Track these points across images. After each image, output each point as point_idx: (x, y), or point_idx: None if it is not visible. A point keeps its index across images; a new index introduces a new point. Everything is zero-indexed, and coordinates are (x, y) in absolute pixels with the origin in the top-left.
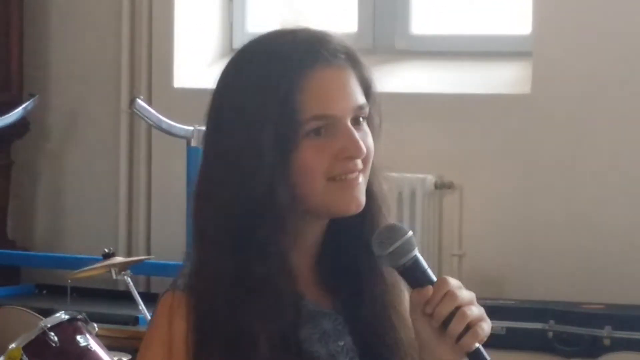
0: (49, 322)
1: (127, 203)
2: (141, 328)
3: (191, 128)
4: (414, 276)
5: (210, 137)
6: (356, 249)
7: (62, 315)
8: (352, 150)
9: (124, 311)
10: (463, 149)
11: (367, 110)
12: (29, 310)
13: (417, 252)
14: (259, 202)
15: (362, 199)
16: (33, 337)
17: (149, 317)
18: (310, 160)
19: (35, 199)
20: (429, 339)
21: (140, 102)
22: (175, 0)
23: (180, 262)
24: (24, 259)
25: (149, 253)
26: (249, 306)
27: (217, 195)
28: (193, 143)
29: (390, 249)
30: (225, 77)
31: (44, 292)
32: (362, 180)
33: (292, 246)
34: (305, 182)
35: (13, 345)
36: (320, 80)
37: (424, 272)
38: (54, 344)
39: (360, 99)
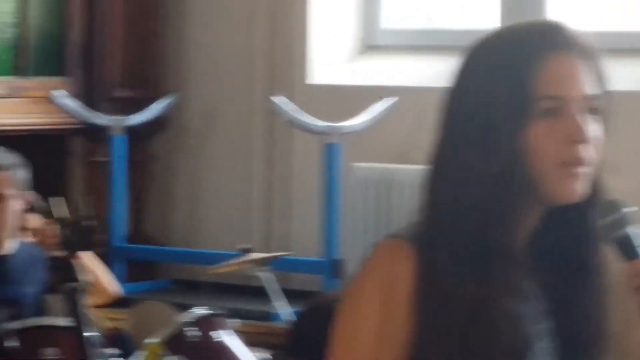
0: (188, 317)
1: (263, 199)
2: (276, 324)
3: (327, 124)
4: (630, 248)
5: (448, 115)
6: (572, 238)
7: (201, 311)
8: (576, 134)
9: (259, 307)
10: None
11: (598, 102)
12: (168, 305)
13: (637, 229)
14: (497, 180)
15: (584, 189)
16: (172, 332)
17: (284, 313)
18: (541, 141)
19: (173, 195)
20: (635, 313)
21: (277, 99)
22: None
23: (317, 259)
24: (162, 255)
25: (285, 249)
26: (481, 272)
27: (454, 171)
28: (328, 139)
29: (612, 219)
30: (466, 61)
31: (181, 287)
32: (588, 170)
33: (517, 227)
34: (536, 164)
35: (153, 340)
36: (556, 63)
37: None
38: (193, 339)
39: (593, 89)
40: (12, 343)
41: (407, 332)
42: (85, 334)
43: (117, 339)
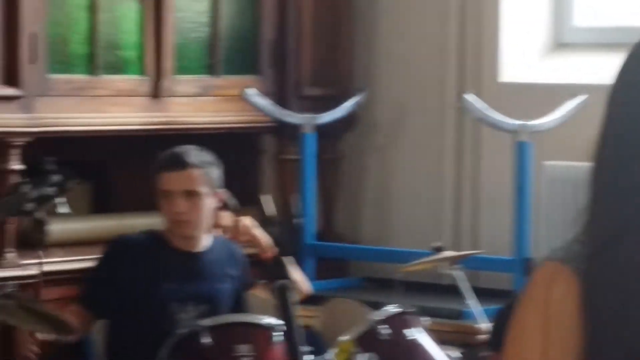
0: (380, 315)
1: (453, 198)
2: (468, 322)
3: (518, 122)
4: None
5: (614, 121)
6: None
7: (392, 309)
8: None
9: (450, 305)
10: None
11: None
12: (359, 303)
13: None
14: None
15: None
16: (364, 329)
17: (475, 312)
18: None
19: (363, 193)
20: None
21: (468, 97)
22: None
23: (508, 257)
24: (352, 252)
25: (475, 247)
26: None
27: (626, 177)
28: (519, 137)
29: None
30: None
31: (372, 285)
32: None
33: None
34: None
35: (345, 338)
36: None
37: None
38: (384, 337)
39: None
40: (206, 339)
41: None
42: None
43: (308, 336)
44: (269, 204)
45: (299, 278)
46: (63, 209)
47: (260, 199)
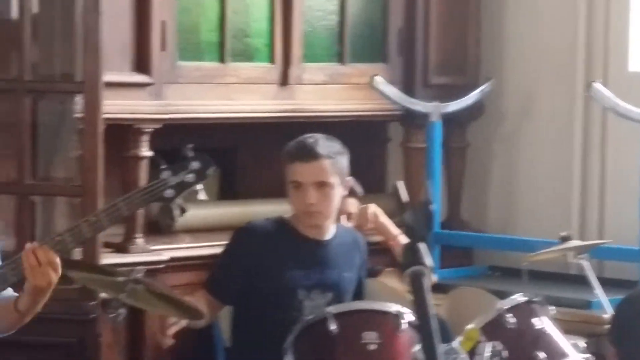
0: (506, 303)
1: (580, 187)
2: (594, 312)
3: None
4: None
5: None
6: None
7: (519, 297)
8: None
9: (576, 295)
10: None
11: None
12: (485, 291)
13: None
14: None
15: None
16: (490, 318)
17: (602, 302)
18: None
19: (489, 182)
20: None
21: (597, 86)
22: None
23: (635, 247)
24: (478, 241)
25: (601, 237)
26: None
27: None
28: None
29: None
30: None
31: (497, 273)
32: None
33: None
34: None
35: (471, 326)
36: None
37: None
38: (510, 326)
39: None
40: (332, 326)
41: None
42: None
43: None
44: (403, 190)
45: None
46: (201, 196)
47: (395, 185)
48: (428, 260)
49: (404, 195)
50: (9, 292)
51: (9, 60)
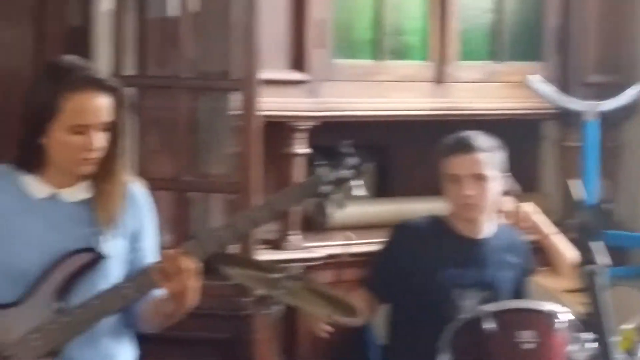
0: None
1: None
2: None
3: None
4: None
5: None
6: None
7: None
8: None
9: None
10: None
11: None
12: None
13: None
14: None
15: None
16: None
17: None
18: None
19: None
20: None
21: None
22: None
23: None
24: (634, 240)
25: None
26: None
27: None
28: None
29: None
30: None
31: None
32: None
33: None
34: None
35: (628, 326)
36: None
37: None
38: None
39: None
40: (489, 325)
41: None
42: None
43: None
44: (576, 188)
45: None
46: (359, 192)
47: (568, 183)
48: (602, 258)
49: (577, 194)
50: None
51: (167, 58)
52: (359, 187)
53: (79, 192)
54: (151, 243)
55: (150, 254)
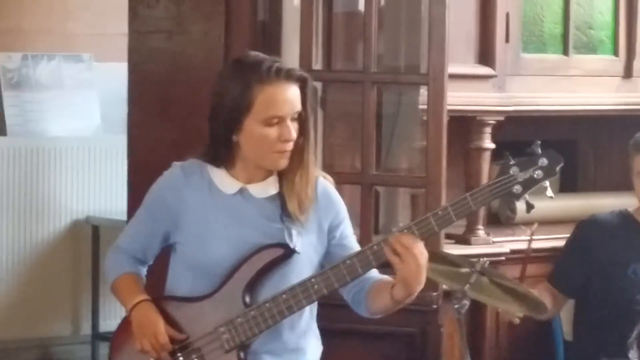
0: None
1: None
2: None
3: None
4: None
5: None
6: None
7: None
8: None
9: None
10: None
11: None
12: None
13: None
14: None
15: None
16: None
17: None
18: None
19: None
20: None
21: None
22: None
23: None
24: None
25: None
26: None
27: None
28: None
29: None
30: None
31: None
32: None
33: None
34: None
35: None
36: None
37: None
38: None
39: None
40: None
41: None
42: None
43: None
44: None
45: None
46: (549, 193)
47: None
48: None
49: None
50: (374, 272)
51: (355, 52)
52: (549, 188)
53: (268, 187)
54: (349, 232)
55: (351, 242)
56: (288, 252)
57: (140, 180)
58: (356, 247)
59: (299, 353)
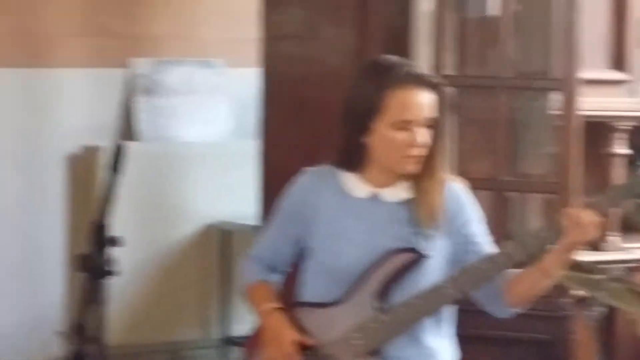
0: None
1: None
2: None
3: None
4: None
5: None
6: None
7: None
8: None
9: None
10: None
11: None
12: None
13: None
14: None
15: None
16: None
17: None
18: None
19: None
20: None
21: None
22: None
23: None
24: None
25: None
26: None
27: None
28: None
29: None
30: None
31: None
32: None
33: None
34: None
35: None
36: None
37: None
38: None
39: None
40: None
41: None
42: None
43: None
44: None
45: None
46: None
47: None
48: None
49: None
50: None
51: (486, 57)
52: None
53: (399, 192)
54: (480, 232)
55: (482, 243)
56: (419, 257)
57: (272, 185)
58: (488, 248)
59: (434, 357)
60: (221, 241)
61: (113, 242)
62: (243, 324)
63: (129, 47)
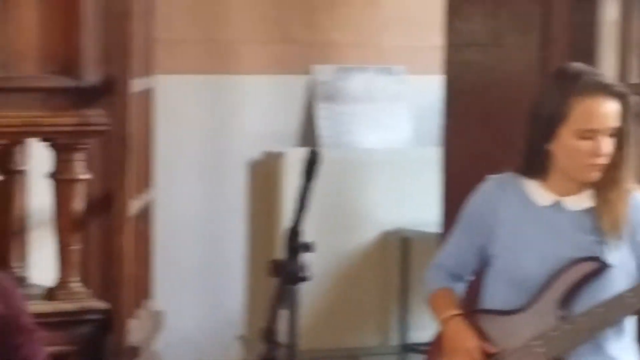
0: None
1: None
2: None
3: None
4: None
5: None
6: None
7: None
8: None
9: None
10: None
11: None
12: None
13: None
14: None
15: None
16: None
17: None
18: None
19: None
20: None
21: None
22: None
23: None
24: None
25: None
26: None
27: None
28: None
29: None
30: None
31: None
32: None
33: None
34: None
35: None
36: None
37: None
38: None
39: None
40: None
41: None
42: None
43: None
44: None
45: None
46: None
47: None
48: None
49: None
50: None
51: None
52: None
53: (583, 200)
54: None
55: None
56: (602, 266)
57: (454, 192)
58: None
59: None
60: (401, 248)
61: (306, 248)
62: (422, 330)
63: (311, 54)
